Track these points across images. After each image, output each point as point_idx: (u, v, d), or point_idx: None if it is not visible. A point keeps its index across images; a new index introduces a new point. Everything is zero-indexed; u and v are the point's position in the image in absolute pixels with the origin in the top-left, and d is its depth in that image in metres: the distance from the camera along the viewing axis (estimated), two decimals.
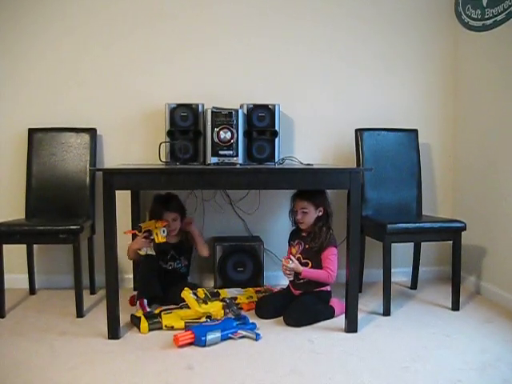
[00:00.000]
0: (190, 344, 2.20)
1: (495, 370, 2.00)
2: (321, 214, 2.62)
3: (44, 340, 2.27)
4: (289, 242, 2.78)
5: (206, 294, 2.57)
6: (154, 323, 2.38)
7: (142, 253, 2.68)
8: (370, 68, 3.25)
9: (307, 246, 2.64)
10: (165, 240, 2.68)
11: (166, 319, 2.39)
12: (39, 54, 3.06)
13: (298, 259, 2.63)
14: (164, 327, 2.37)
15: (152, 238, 2.67)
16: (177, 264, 2.87)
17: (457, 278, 2.70)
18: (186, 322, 2.38)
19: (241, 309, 2.64)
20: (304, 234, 2.69)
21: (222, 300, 2.62)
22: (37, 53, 3.05)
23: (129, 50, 3.10)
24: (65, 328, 2.42)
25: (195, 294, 2.53)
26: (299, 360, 2.09)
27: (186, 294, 2.49)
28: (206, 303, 2.49)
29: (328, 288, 2.65)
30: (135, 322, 2.42)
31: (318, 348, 2.20)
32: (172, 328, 2.34)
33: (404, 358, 2.11)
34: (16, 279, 2.96)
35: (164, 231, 2.67)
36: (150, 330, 2.35)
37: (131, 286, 3.05)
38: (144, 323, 2.35)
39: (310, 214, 2.61)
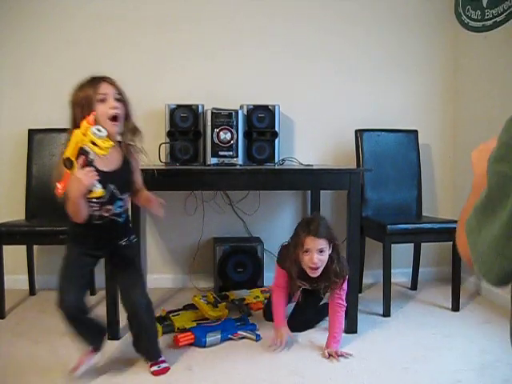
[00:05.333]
0: (190, 345, 2.20)
1: (495, 370, 2.00)
2: (330, 251, 2.17)
3: (44, 341, 2.27)
4: (286, 270, 2.23)
5: (215, 297, 2.61)
6: (167, 326, 2.36)
7: (98, 193, 1.68)
8: (369, 68, 3.25)
9: (314, 286, 2.26)
10: (110, 145, 1.64)
11: (178, 321, 2.38)
12: (40, 55, 3.06)
13: (304, 289, 2.34)
14: (177, 330, 2.34)
15: (89, 157, 1.66)
16: (117, 209, 1.86)
17: (457, 279, 2.70)
18: (197, 323, 2.37)
19: (250, 309, 2.64)
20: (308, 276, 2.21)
21: (232, 302, 2.63)
22: (37, 54, 3.06)
23: (128, 51, 3.10)
24: (65, 328, 2.42)
25: (205, 298, 2.56)
26: (299, 360, 2.09)
27: (197, 299, 2.54)
28: (217, 307, 2.51)
29: None
30: None
31: (318, 348, 2.20)
32: (185, 330, 2.30)
33: (404, 359, 2.11)
34: (16, 280, 2.96)
35: (100, 130, 1.61)
36: (164, 333, 2.33)
37: None
38: (158, 327, 2.30)
39: (326, 255, 2.14)
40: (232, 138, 2.80)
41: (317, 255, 2.09)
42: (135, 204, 2.88)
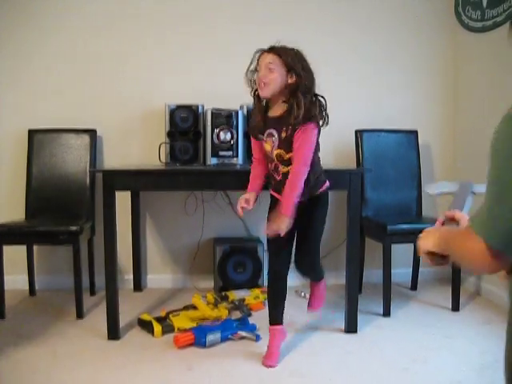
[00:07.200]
0: (191, 345, 2.20)
1: (495, 371, 2.01)
2: (292, 80, 2.00)
3: (44, 341, 2.27)
4: (255, 136, 2.12)
5: (215, 298, 2.61)
6: (167, 326, 2.36)
7: None
8: (369, 69, 3.25)
9: (284, 134, 1.98)
10: None
11: (178, 321, 2.38)
12: (40, 55, 3.05)
13: (279, 156, 2.03)
14: (177, 330, 2.34)
15: None
16: None
17: (457, 279, 2.70)
18: (197, 323, 2.37)
19: (250, 309, 2.64)
20: (274, 115, 2.03)
21: (231, 302, 2.63)
22: (37, 54, 3.05)
23: (128, 52, 3.09)
24: (65, 329, 2.42)
25: (205, 298, 2.56)
26: (299, 360, 2.09)
27: (196, 299, 2.53)
28: (217, 307, 2.51)
29: (324, 186, 2.10)
30: (144, 326, 2.39)
31: (318, 348, 2.20)
32: (185, 330, 2.30)
33: (404, 359, 2.11)
34: (16, 280, 2.95)
35: None
36: (164, 333, 2.33)
37: (131, 286, 3.05)
38: (158, 327, 2.32)
39: (278, 75, 1.96)
40: (232, 138, 2.80)
41: (264, 69, 1.99)
42: (136, 205, 2.91)
